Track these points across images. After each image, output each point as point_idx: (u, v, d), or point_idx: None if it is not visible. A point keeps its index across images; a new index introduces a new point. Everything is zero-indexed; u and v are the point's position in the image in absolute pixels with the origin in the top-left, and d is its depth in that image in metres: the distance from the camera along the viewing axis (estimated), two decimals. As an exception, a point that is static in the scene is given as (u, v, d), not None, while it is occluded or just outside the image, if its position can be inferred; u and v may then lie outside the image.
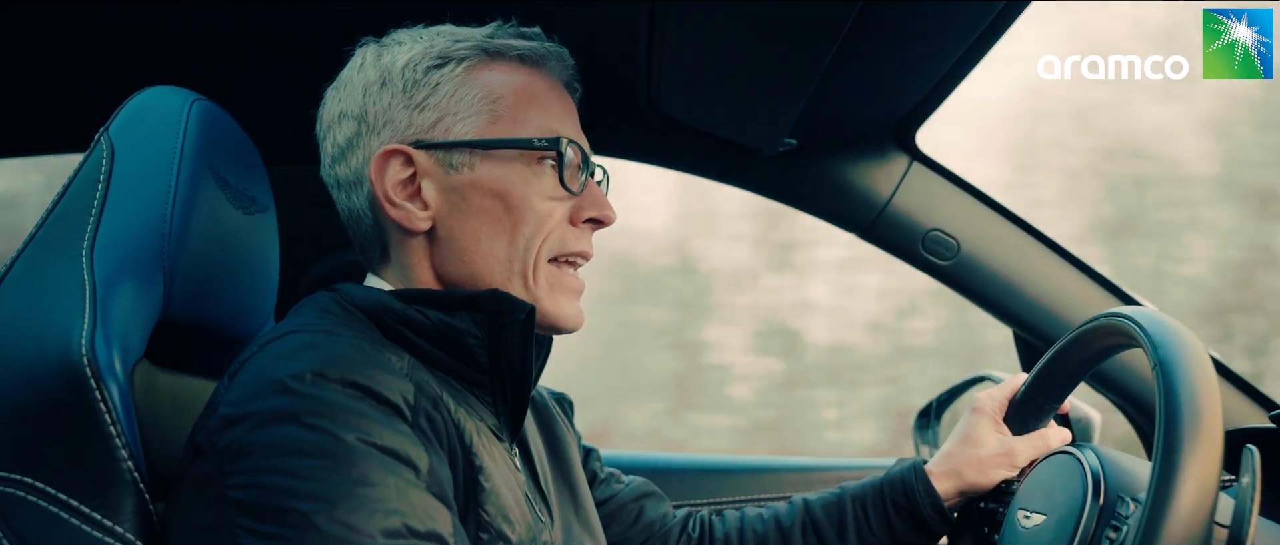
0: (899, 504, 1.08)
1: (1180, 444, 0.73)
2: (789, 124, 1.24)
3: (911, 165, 1.39)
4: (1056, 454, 1.01)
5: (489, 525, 0.75)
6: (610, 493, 1.13)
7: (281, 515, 0.64)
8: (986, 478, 1.07)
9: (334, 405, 0.67)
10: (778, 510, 1.14)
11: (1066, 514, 0.91)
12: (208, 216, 0.85)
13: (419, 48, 0.85)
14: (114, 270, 0.78)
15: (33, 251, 0.79)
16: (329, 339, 0.73)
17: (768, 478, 1.54)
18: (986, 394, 1.12)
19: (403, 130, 0.84)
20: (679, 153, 1.44)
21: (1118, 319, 0.88)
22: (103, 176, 0.81)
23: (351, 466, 0.65)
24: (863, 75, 1.16)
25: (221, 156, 0.89)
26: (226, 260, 0.89)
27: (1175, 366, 0.77)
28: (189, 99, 0.88)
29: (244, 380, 0.71)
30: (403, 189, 0.84)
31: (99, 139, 0.84)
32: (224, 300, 0.90)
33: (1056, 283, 1.40)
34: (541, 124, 0.86)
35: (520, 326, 0.80)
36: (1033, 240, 1.41)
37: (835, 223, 1.45)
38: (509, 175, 0.84)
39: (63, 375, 0.71)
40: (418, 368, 0.77)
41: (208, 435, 0.69)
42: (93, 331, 0.73)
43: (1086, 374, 1.04)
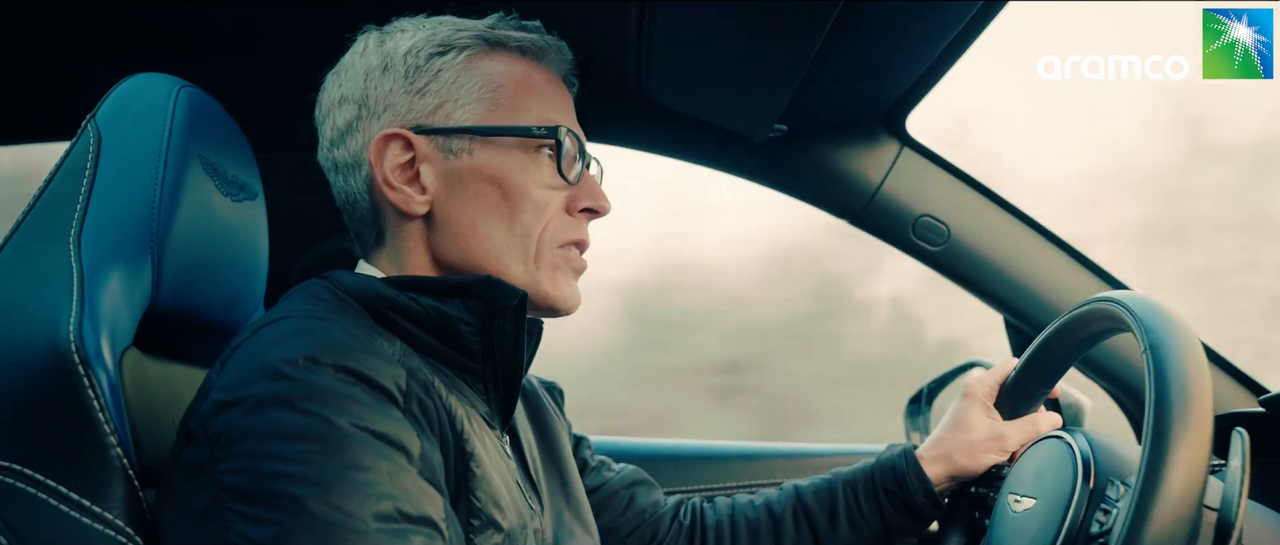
0: (890, 489, 1.09)
1: (1170, 427, 0.73)
2: (779, 110, 1.24)
3: (902, 151, 1.40)
4: (1047, 438, 1.02)
5: (480, 512, 0.76)
6: (601, 480, 1.13)
7: (274, 499, 0.64)
8: (977, 462, 1.07)
9: (326, 390, 0.67)
10: (769, 497, 1.15)
11: (1056, 498, 0.91)
12: (196, 204, 0.85)
13: (422, 35, 0.86)
14: (101, 258, 0.77)
15: (19, 239, 0.78)
16: (322, 324, 0.73)
17: (759, 464, 1.55)
18: (977, 379, 1.12)
19: (403, 115, 0.85)
20: (669, 139, 1.43)
21: (1108, 303, 0.89)
22: (90, 164, 0.81)
23: (344, 451, 0.65)
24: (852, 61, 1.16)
25: (209, 144, 0.88)
26: (215, 248, 0.88)
27: (1165, 350, 0.77)
28: (176, 86, 0.87)
29: (236, 365, 0.71)
30: (402, 173, 0.85)
31: (86, 126, 0.83)
32: (213, 288, 0.89)
33: (1047, 268, 1.40)
34: (540, 114, 0.86)
35: (512, 313, 0.81)
36: (1023, 226, 1.41)
37: (825, 209, 1.46)
38: (507, 162, 0.85)
39: (51, 363, 0.71)
40: (410, 354, 0.77)
41: (200, 420, 0.69)
42: (81, 319, 0.73)
43: (1077, 359, 1.05)
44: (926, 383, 1.51)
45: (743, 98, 1.24)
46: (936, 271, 1.45)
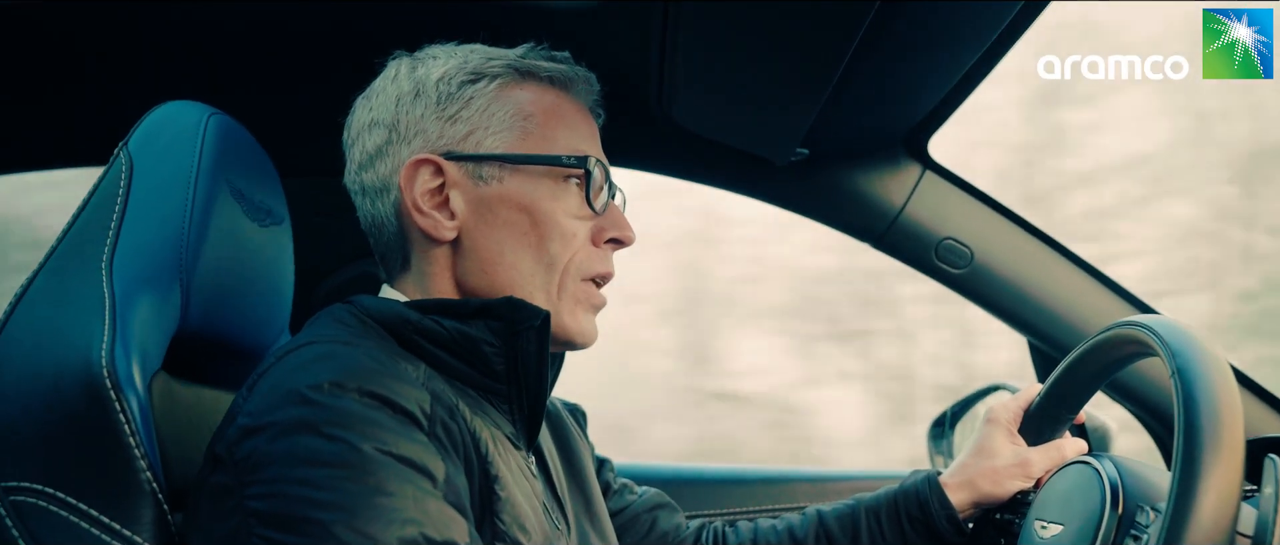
0: (913, 516, 1.08)
1: (1201, 452, 0.72)
2: (801, 134, 1.24)
3: (924, 174, 1.39)
4: (1073, 464, 1.01)
5: (505, 534, 0.76)
6: (624, 503, 1.13)
7: (300, 525, 0.64)
8: (1001, 489, 1.06)
9: (352, 415, 0.68)
10: (791, 522, 1.14)
11: (1085, 524, 0.90)
12: (224, 229, 0.86)
13: (454, 63, 0.87)
14: (133, 283, 0.78)
15: (54, 264, 0.80)
16: (346, 349, 0.74)
17: (781, 488, 1.54)
18: (1001, 404, 1.12)
19: (434, 141, 0.86)
20: (691, 163, 1.44)
21: (1135, 327, 0.88)
22: (122, 191, 0.82)
23: (369, 476, 0.66)
24: (875, 85, 1.16)
25: (237, 170, 0.90)
26: (243, 272, 0.90)
27: (1194, 375, 0.76)
28: (206, 113, 0.88)
29: (262, 391, 0.71)
30: (431, 198, 0.85)
31: (118, 153, 0.85)
32: (240, 312, 0.90)
33: (1072, 291, 1.39)
34: (569, 143, 0.87)
35: (535, 333, 0.81)
36: (1047, 248, 1.40)
37: (848, 232, 1.45)
38: (536, 190, 0.85)
39: (83, 387, 0.72)
40: (434, 377, 0.78)
41: (227, 445, 0.70)
42: (112, 343, 0.74)
43: (1102, 383, 1.03)
44: (949, 406, 1.50)
45: (765, 121, 1.24)
46: (960, 295, 1.44)
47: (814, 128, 1.23)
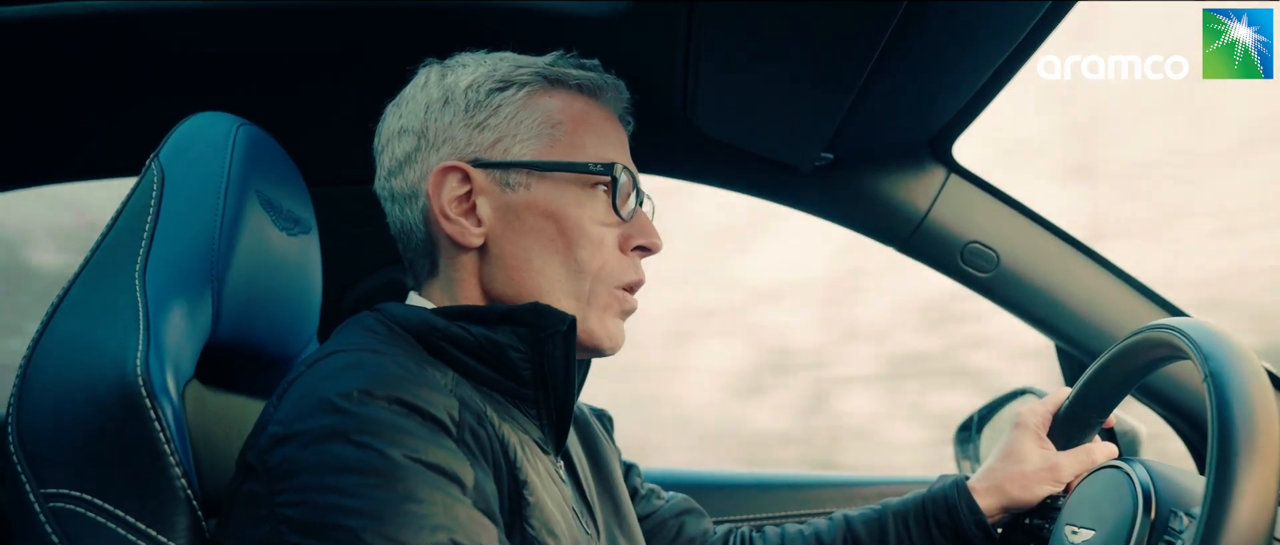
0: (942, 521, 1.07)
1: (1236, 457, 0.71)
2: (825, 139, 1.24)
3: (949, 177, 1.38)
4: (1103, 468, 1.00)
5: (534, 539, 0.76)
6: (651, 508, 1.13)
7: (331, 532, 0.65)
8: (1030, 493, 1.05)
9: (381, 422, 0.68)
10: (819, 527, 1.13)
11: (1116, 529, 0.89)
12: (254, 238, 0.87)
13: (483, 71, 0.88)
14: (165, 292, 0.79)
15: (88, 274, 0.81)
16: (375, 357, 0.74)
17: (808, 493, 1.53)
18: (1029, 409, 1.11)
19: (462, 148, 0.86)
20: (716, 170, 1.44)
21: (1166, 330, 0.87)
22: (154, 201, 0.83)
23: (399, 483, 0.66)
24: (899, 89, 1.16)
25: (266, 179, 0.91)
26: (272, 281, 0.90)
27: (1228, 378, 0.76)
28: (235, 124, 0.90)
29: (292, 399, 0.72)
30: (459, 205, 0.86)
31: (150, 164, 0.86)
32: (270, 320, 0.91)
33: (1100, 294, 1.38)
34: (597, 151, 0.88)
35: (561, 338, 0.81)
36: (1074, 251, 1.39)
37: (873, 236, 1.45)
38: (563, 197, 0.86)
39: (119, 395, 0.73)
40: (462, 383, 0.78)
41: (258, 454, 0.70)
42: (147, 352, 0.75)
43: (1132, 387, 1.02)
44: (976, 410, 1.49)
45: (789, 127, 1.24)
46: (986, 298, 1.43)
47: (838, 133, 1.22)
